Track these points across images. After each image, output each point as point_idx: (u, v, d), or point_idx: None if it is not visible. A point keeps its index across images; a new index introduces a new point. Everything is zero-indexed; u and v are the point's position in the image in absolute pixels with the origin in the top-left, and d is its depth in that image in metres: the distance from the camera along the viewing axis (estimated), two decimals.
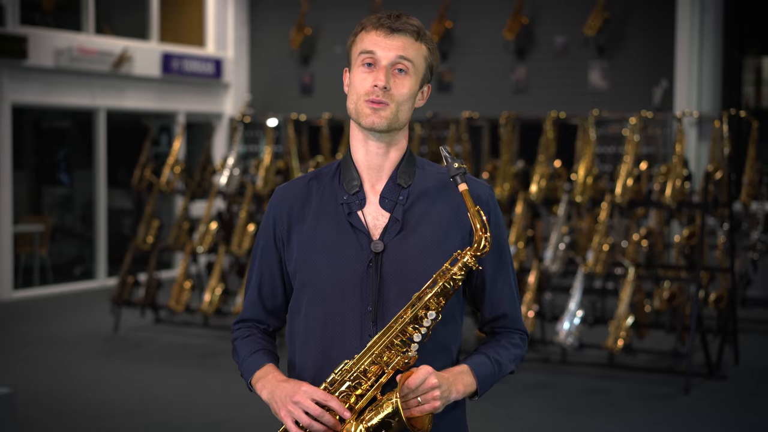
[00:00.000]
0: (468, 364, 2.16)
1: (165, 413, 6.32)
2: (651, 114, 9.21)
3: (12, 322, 9.43)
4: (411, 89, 2.16)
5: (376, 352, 2.06)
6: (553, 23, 11.56)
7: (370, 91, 2.13)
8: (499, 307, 2.24)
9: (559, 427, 6.16)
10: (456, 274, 2.07)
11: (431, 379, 2.03)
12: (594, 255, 7.56)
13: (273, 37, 13.31)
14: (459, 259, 2.09)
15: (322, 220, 2.20)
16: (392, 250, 2.15)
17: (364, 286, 2.14)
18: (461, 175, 2.09)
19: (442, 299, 2.07)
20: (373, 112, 2.13)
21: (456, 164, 2.09)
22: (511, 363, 2.22)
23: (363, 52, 2.15)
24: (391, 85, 2.13)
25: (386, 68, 2.13)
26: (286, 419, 2.08)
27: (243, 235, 8.70)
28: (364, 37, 2.16)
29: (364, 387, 2.07)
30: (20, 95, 10.78)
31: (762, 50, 11.56)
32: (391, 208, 2.19)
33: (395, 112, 2.15)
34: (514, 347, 2.24)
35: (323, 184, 2.25)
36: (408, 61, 2.14)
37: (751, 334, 8.86)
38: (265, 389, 2.16)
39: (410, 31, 2.15)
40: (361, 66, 2.15)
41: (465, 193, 2.08)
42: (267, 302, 2.30)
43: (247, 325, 2.33)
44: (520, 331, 2.27)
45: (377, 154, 2.20)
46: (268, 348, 2.28)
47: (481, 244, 2.07)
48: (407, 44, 2.15)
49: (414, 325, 2.06)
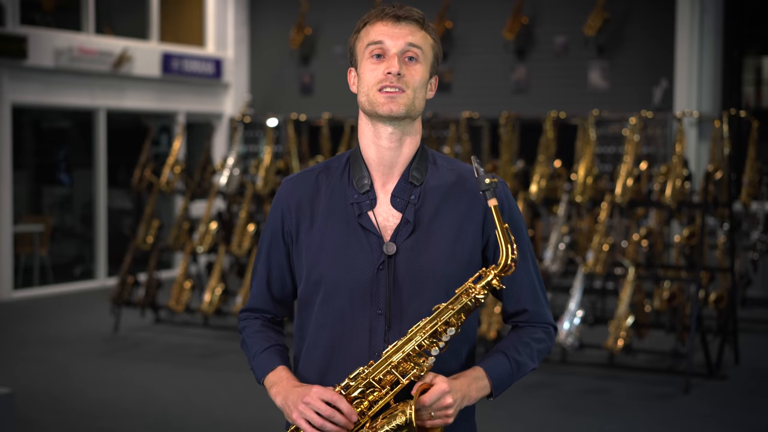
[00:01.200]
0: (483, 367, 2.13)
1: (165, 413, 6.32)
2: (651, 114, 9.21)
3: (12, 322, 9.43)
4: (423, 76, 2.11)
5: (394, 362, 2.04)
6: (553, 23, 11.56)
7: (383, 79, 2.08)
8: (520, 302, 2.20)
9: (559, 427, 6.16)
10: (479, 293, 2.04)
11: (446, 399, 2.02)
12: (594, 255, 7.56)
13: (273, 37, 13.31)
14: (483, 277, 2.05)
15: (332, 220, 2.16)
16: (404, 252, 2.11)
17: (375, 289, 2.11)
18: (491, 191, 2.04)
19: (463, 315, 2.05)
20: (389, 100, 2.08)
21: (487, 179, 2.03)
22: (532, 361, 2.18)
23: (370, 44, 2.10)
24: (404, 72, 2.08)
25: (397, 56, 2.08)
26: (299, 420, 2.07)
27: (243, 235, 8.70)
28: (369, 31, 2.12)
29: (378, 394, 2.05)
30: (20, 95, 10.78)
31: (762, 50, 11.56)
32: (402, 207, 2.14)
33: (412, 99, 2.09)
34: (536, 342, 2.19)
35: (333, 179, 2.20)
36: (417, 47, 2.10)
37: (751, 334, 8.85)
38: (279, 395, 2.14)
39: (416, 19, 2.11)
40: (370, 58, 2.10)
41: (495, 209, 2.03)
42: (275, 292, 2.28)
43: (254, 315, 2.31)
44: (544, 324, 2.22)
45: (390, 149, 2.14)
46: (278, 342, 2.26)
47: (507, 264, 2.04)
48: (414, 31, 2.10)
49: (433, 339, 2.04)
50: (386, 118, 2.10)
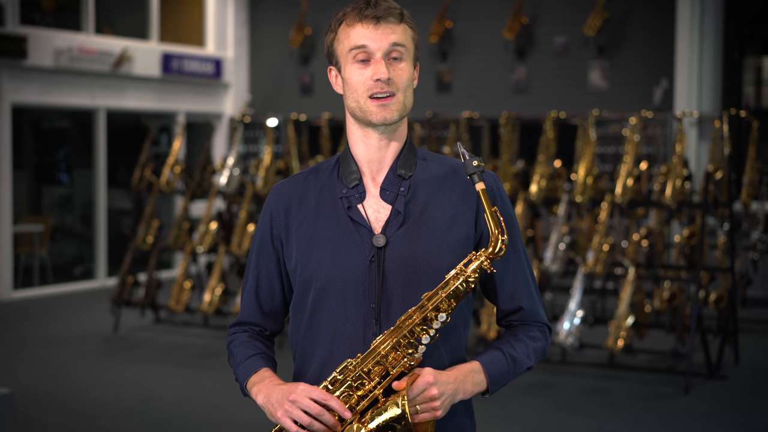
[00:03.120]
0: (480, 360, 2.09)
1: (165, 413, 6.32)
2: (651, 114, 9.21)
3: (12, 322, 9.43)
4: (409, 74, 2.11)
5: (382, 352, 1.99)
6: (553, 23, 11.56)
7: (372, 86, 2.07)
8: (515, 300, 2.16)
9: (559, 427, 6.16)
10: (470, 276, 2.01)
11: (431, 390, 1.97)
12: (594, 255, 7.56)
13: (273, 37, 13.31)
14: (473, 260, 2.02)
15: (321, 216, 2.14)
16: (395, 244, 2.09)
17: (367, 282, 2.08)
18: (479, 174, 2.02)
19: (453, 301, 2.01)
20: (381, 108, 2.08)
21: (474, 162, 2.02)
22: (528, 358, 2.13)
23: (353, 49, 2.08)
24: (391, 75, 2.07)
25: (383, 59, 2.07)
26: (284, 419, 2.00)
27: (243, 235, 8.70)
28: (349, 33, 2.09)
29: (367, 388, 2.00)
30: (20, 95, 10.78)
31: (762, 50, 11.56)
32: (392, 200, 2.12)
33: (402, 101, 2.09)
34: (532, 341, 2.15)
35: (321, 178, 2.19)
36: (401, 46, 2.09)
37: (751, 334, 8.85)
38: (260, 393, 2.08)
39: (395, 15, 2.09)
40: (355, 63, 2.09)
41: (483, 192, 2.02)
42: (264, 304, 2.23)
43: (243, 329, 2.25)
44: (539, 324, 2.18)
45: (378, 147, 2.14)
46: (265, 352, 2.20)
47: (497, 247, 2.01)
48: (395, 29, 2.08)
49: (423, 326, 2.00)
50: (379, 126, 2.11)
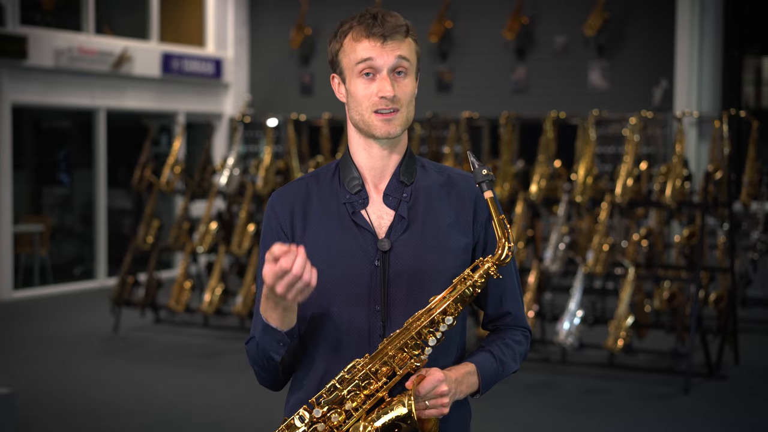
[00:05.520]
0: (474, 362, 2.14)
1: (165, 413, 6.32)
2: (651, 114, 9.21)
3: (12, 322, 9.43)
4: (413, 88, 2.15)
5: (390, 353, 2.04)
6: (553, 23, 11.56)
7: (377, 102, 2.11)
8: (503, 305, 2.23)
9: (559, 427, 6.16)
10: (477, 281, 2.06)
11: (442, 387, 2.03)
12: (594, 255, 7.56)
13: (273, 37, 13.31)
14: (480, 266, 2.07)
15: (325, 222, 2.16)
16: (399, 248, 2.13)
17: (372, 286, 2.12)
18: (488, 183, 2.07)
19: (460, 305, 2.06)
20: (385, 123, 2.12)
21: (484, 171, 2.07)
22: (514, 362, 2.21)
23: (360, 63, 2.12)
24: (396, 91, 2.11)
25: (388, 76, 2.11)
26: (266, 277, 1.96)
27: (243, 235, 8.70)
28: (355, 47, 2.13)
29: (374, 387, 2.05)
30: (20, 95, 10.78)
31: (762, 50, 11.56)
32: (395, 205, 2.17)
33: (405, 115, 2.14)
34: (517, 345, 2.23)
35: (322, 184, 2.21)
36: (406, 60, 2.13)
37: (751, 334, 8.85)
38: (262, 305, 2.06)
39: (401, 32, 2.13)
40: (360, 77, 2.12)
41: (491, 201, 2.07)
42: None
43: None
44: (523, 328, 2.26)
45: (381, 157, 2.18)
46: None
47: (504, 254, 2.06)
48: (401, 45, 2.13)
49: (430, 328, 2.05)
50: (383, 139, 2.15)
